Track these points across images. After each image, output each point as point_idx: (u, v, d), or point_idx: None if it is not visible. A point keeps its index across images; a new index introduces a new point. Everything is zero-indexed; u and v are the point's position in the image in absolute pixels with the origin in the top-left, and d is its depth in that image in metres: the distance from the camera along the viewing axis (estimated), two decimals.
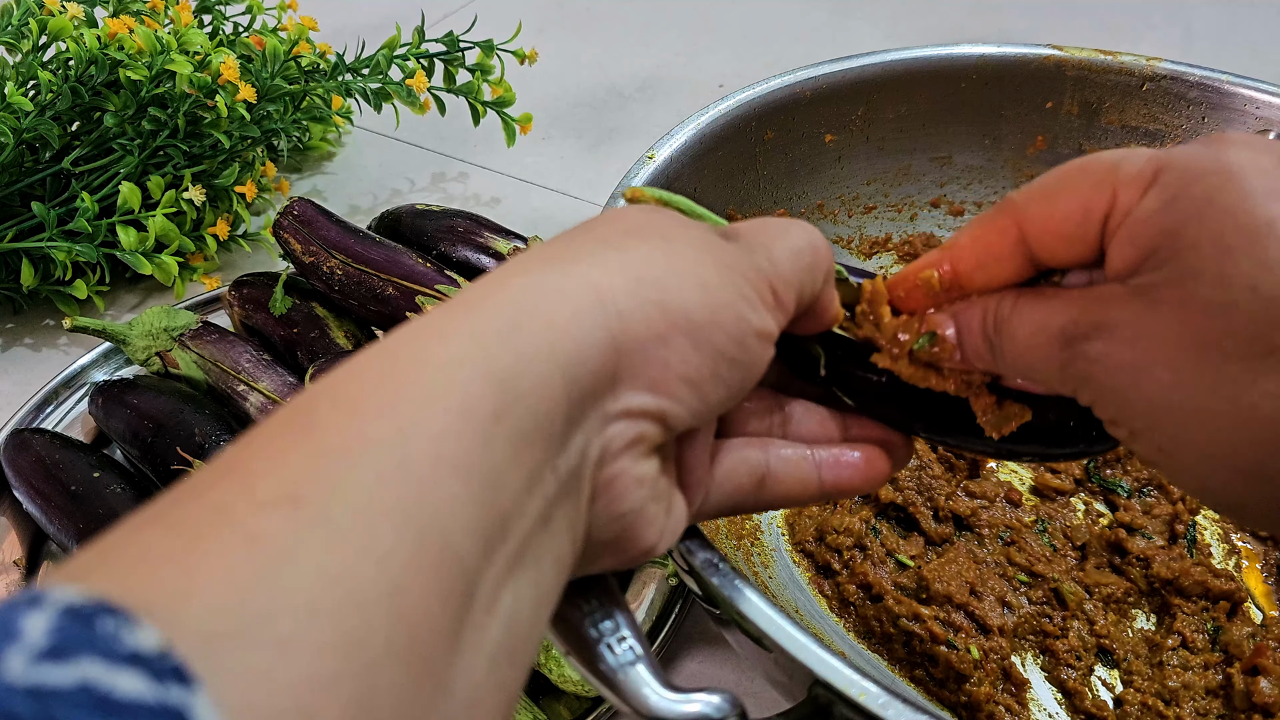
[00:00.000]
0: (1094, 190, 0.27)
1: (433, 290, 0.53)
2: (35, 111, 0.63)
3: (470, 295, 0.23)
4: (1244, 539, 0.51)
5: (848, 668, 0.29)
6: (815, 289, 0.29)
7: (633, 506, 0.25)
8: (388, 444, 0.19)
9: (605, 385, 0.23)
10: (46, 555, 0.52)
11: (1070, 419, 0.30)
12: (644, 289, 0.24)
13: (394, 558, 0.18)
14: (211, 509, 0.18)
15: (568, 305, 0.23)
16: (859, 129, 0.57)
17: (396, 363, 0.21)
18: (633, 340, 0.24)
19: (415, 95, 0.73)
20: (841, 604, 0.47)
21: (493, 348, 0.21)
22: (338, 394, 0.20)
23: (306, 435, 0.19)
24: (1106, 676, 0.45)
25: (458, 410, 0.20)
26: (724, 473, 0.30)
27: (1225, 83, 0.54)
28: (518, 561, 0.21)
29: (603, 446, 0.24)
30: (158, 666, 0.14)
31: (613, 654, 0.27)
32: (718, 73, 0.96)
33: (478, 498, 0.20)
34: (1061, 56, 0.56)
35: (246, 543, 0.17)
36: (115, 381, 0.56)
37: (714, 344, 0.25)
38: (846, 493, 0.32)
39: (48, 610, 0.15)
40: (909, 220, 0.60)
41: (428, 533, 0.18)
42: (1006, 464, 0.54)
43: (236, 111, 0.65)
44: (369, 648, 0.17)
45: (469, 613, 0.19)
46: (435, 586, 0.18)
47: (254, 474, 0.18)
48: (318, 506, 0.18)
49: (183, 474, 0.49)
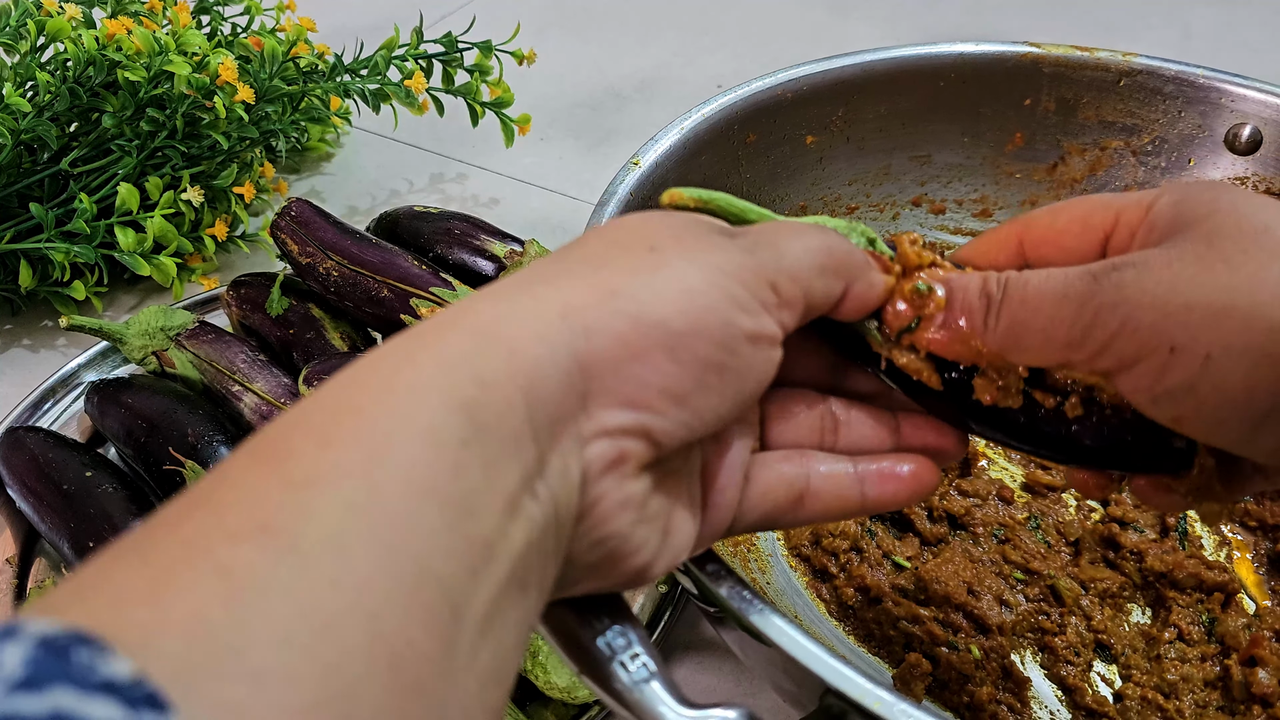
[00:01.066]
0: (1097, 207, 0.29)
1: (428, 293, 0.53)
2: (33, 112, 0.63)
3: (440, 320, 0.23)
4: (1234, 530, 0.51)
5: (861, 676, 0.29)
6: (830, 290, 0.28)
7: (616, 530, 0.24)
8: (358, 472, 0.19)
9: (574, 405, 0.23)
10: (39, 554, 0.52)
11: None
12: (616, 302, 0.24)
13: (369, 584, 0.18)
14: (184, 542, 0.18)
15: (530, 329, 0.23)
16: (840, 130, 0.57)
17: (366, 390, 0.21)
18: (601, 357, 0.23)
19: (413, 96, 0.73)
20: (840, 608, 0.47)
21: (457, 375, 0.21)
22: (308, 423, 0.20)
23: (277, 466, 0.19)
24: (1105, 671, 0.45)
25: (427, 438, 0.20)
26: (760, 490, 0.29)
27: (1200, 77, 0.55)
28: (506, 584, 0.21)
29: (582, 468, 0.23)
30: (131, 694, 0.15)
31: (626, 672, 0.26)
32: (716, 73, 0.96)
33: (454, 523, 0.20)
34: (1038, 53, 0.56)
35: (218, 575, 0.17)
36: (111, 380, 0.56)
37: (696, 353, 0.24)
38: (891, 507, 0.31)
39: (23, 642, 0.15)
40: (891, 219, 0.61)
41: (403, 558, 0.18)
42: (997, 461, 0.54)
43: (235, 112, 0.65)
44: (345, 675, 0.17)
45: (458, 637, 0.19)
46: (416, 613, 0.18)
47: (225, 505, 0.18)
48: (288, 536, 0.18)
49: (174, 474, 0.49)
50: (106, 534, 0.47)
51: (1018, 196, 0.60)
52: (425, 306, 0.53)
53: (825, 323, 0.30)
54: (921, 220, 0.61)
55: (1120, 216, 0.29)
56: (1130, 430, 0.29)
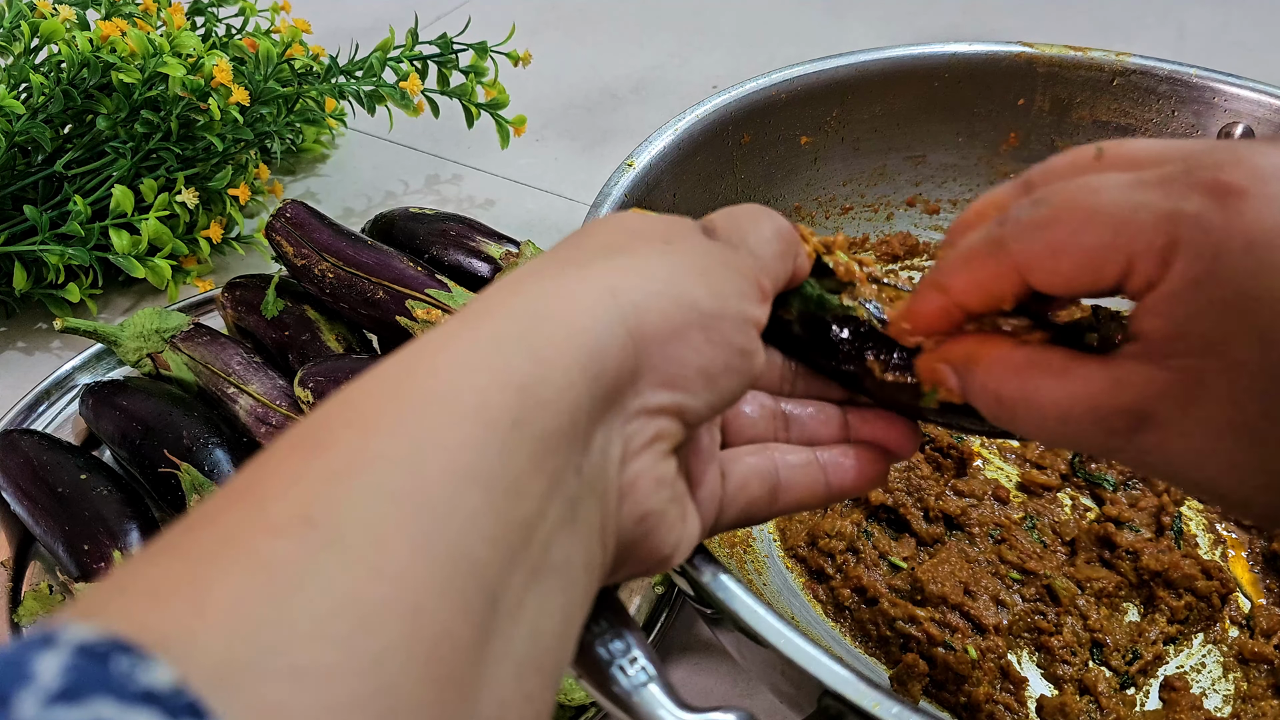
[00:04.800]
0: (1105, 254, 0.24)
1: (423, 294, 0.53)
2: (27, 114, 0.63)
3: (484, 303, 0.23)
4: (1229, 528, 0.51)
5: (859, 678, 0.29)
6: (788, 271, 0.30)
7: (656, 507, 0.25)
8: (400, 459, 0.19)
9: (627, 381, 0.23)
10: (34, 557, 0.52)
11: None
12: (655, 284, 0.25)
13: (409, 575, 0.18)
14: (223, 535, 0.18)
15: (584, 305, 0.23)
16: (834, 130, 0.58)
17: (411, 375, 0.21)
18: (650, 335, 0.24)
19: (409, 97, 0.73)
20: (836, 609, 0.47)
21: (510, 354, 0.21)
22: (350, 410, 0.20)
23: (317, 455, 0.19)
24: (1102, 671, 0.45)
25: (475, 419, 0.20)
26: (737, 486, 0.30)
27: (1193, 76, 0.55)
28: (541, 567, 0.21)
29: (624, 445, 0.24)
30: (172, 704, 0.14)
31: (625, 675, 0.27)
32: (711, 74, 0.96)
33: (498, 507, 0.19)
34: (1032, 53, 0.57)
35: (258, 569, 0.17)
36: (105, 383, 0.56)
37: (724, 334, 0.25)
38: (849, 494, 0.32)
39: (61, 650, 0.15)
40: (885, 220, 0.61)
41: (444, 546, 0.18)
42: (993, 461, 0.54)
43: (229, 114, 0.65)
44: (387, 669, 0.17)
45: (494, 624, 0.19)
46: (455, 601, 0.18)
47: (265, 496, 0.18)
48: (329, 527, 0.17)
49: (170, 476, 0.49)
50: (101, 537, 0.46)
51: None
52: (421, 308, 0.53)
53: (773, 323, 0.31)
54: (916, 220, 0.61)
55: (1134, 268, 0.24)
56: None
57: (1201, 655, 0.46)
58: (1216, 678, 0.45)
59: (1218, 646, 0.46)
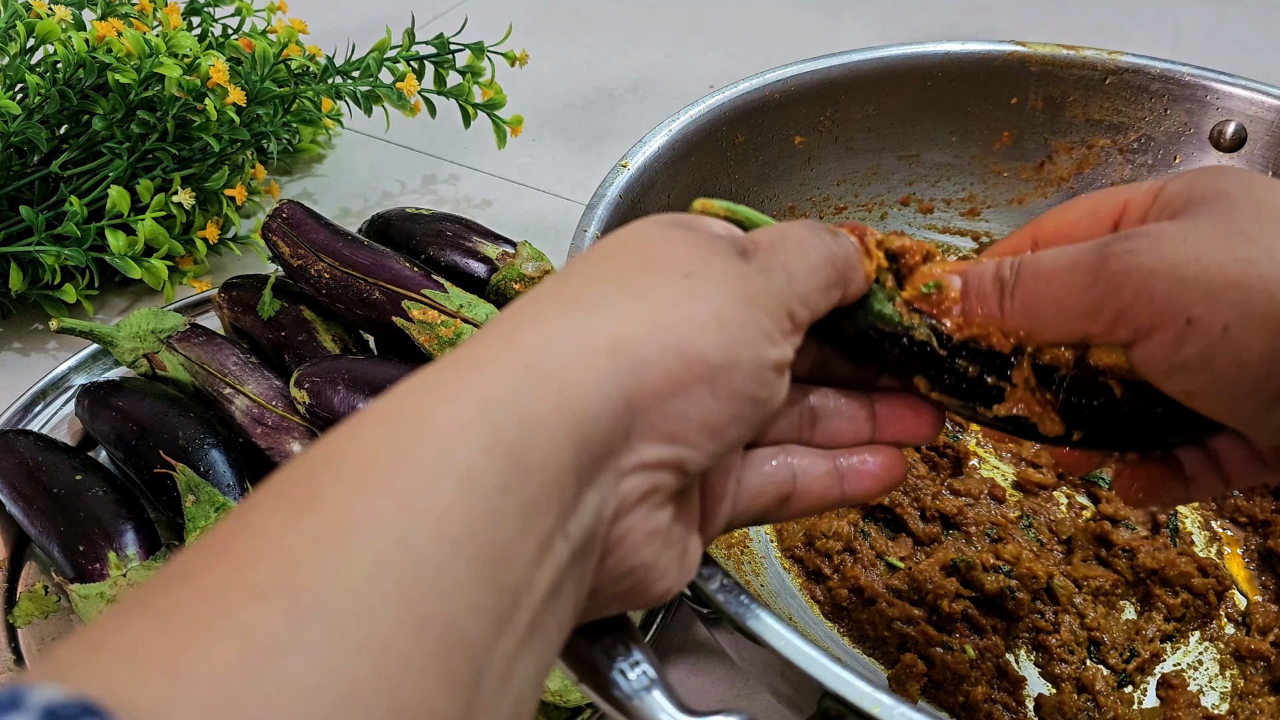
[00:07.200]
0: (1102, 198, 0.30)
1: (420, 295, 0.53)
2: (23, 115, 0.63)
3: (481, 348, 0.23)
4: (1224, 525, 0.51)
5: (859, 679, 0.28)
6: (831, 301, 0.29)
7: (644, 561, 0.25)
8: (389, 522, 0.18)
9: (618, 441, 0.23)
10: (29, 558, 0.52)
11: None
12: (661, 335, 0.24)
13: (394, 648, 0.17)
14: (204, 597, 0.17)
15: (579, 363, 0.22)
16: (828, 130, 0.58)
17: (402, 429, 0.20)
18: (649, 392, 0.23)
19: (405, 98, 0.73)
20: (834, 609, 0.47)
21: (500, 415, 0.21)
22: (340, 462, 0.20)
23: (305, 512, 0.19)
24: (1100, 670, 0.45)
25: (463, 484, 0.19)
26: (752, 494, 0.29)
27: (1186, 75, 0.55)
28: (529, 635, 0.20)
29: (618, 502, 0.23)
30: None
31: (626, 679, 0.26)
32: (708, 73, 0.96)
33: (485, 576, 0.19)
34: (1025, 52, 0.57)
35: (238, 638, 0.16)
36: (101, 383, 0.56)
37: (733, 386, 0.25)
38: (863, 501, 0.32)
39: (28, 713, 0.14)
40: (879, 219, 0.61)
41: (431, 618, 0.18)
42: (988, 460, 0.54)
43: (226, 114, 0.65)
44: None
45: (478, 696, 0.19)
46: (440, 675, 0.18)
47: (249, 558, 0.18)
48: (314, 595, 0.17)
49: (165, 477, 0.49)
50: (97, 538, 0.46)
51: (1006, 195, 0.60)
52: (417, 308, 0.53)
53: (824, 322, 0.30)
54: (910, 219, 0.61)
55: (1129, 203, 0.30)
56: (1113, 412, 0.29)
57: (1198, 653, 0.46)
58: (1213, 675, 0.45)
59: (1214, 644, 0.46)
